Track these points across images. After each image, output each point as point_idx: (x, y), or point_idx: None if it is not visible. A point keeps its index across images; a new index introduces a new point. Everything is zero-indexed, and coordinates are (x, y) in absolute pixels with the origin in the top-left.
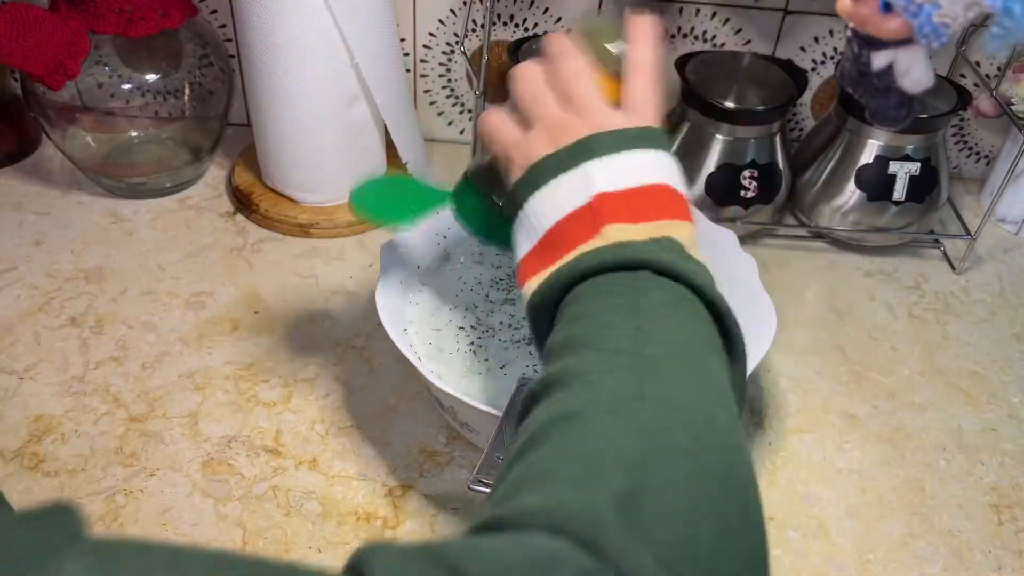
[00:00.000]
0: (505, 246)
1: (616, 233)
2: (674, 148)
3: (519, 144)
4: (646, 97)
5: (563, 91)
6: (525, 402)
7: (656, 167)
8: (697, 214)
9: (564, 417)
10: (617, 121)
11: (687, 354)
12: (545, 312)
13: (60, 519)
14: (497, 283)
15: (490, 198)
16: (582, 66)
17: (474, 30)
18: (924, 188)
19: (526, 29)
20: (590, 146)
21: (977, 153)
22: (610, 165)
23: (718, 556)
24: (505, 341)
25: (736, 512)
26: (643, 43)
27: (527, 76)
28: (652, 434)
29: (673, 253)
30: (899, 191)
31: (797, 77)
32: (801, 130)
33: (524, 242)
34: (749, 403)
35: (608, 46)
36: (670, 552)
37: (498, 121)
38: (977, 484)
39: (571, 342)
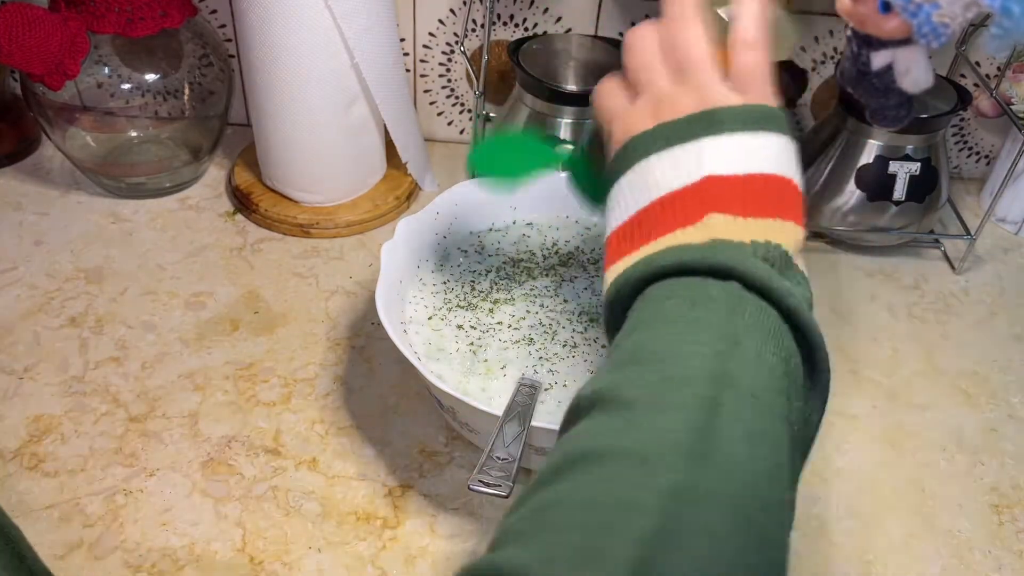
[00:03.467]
0: None
1: (720, 225)
2: None
3: (623, 114)
4: (757, 71)
5: (675, 60)
6: (571, 411)
7: (775, 154)
8: None
9: (596, 454)
10: (733, 99)
11: (760, 405)
12: (622, 300)
13: None
14: (497, 283)
15: (603, 166)
16: (698, 34)
17: (474, 30)
18: (924, 188)
19: (526, 29)
20: (710, 120)
21: (977, 153)
22: (726, 146)
23: None
24: (505, 341)
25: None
26: (750, 8)
27: (638, 41)
28: (684, 500)
29: (772, 264)
30: (899, 191)
31: (797, 77)
32: (801, 130)
33: (614, 218)
34: None
35: (720, 11)
36: None
37: (608, 88)
38: (977, 484)
39: (637, 353)
